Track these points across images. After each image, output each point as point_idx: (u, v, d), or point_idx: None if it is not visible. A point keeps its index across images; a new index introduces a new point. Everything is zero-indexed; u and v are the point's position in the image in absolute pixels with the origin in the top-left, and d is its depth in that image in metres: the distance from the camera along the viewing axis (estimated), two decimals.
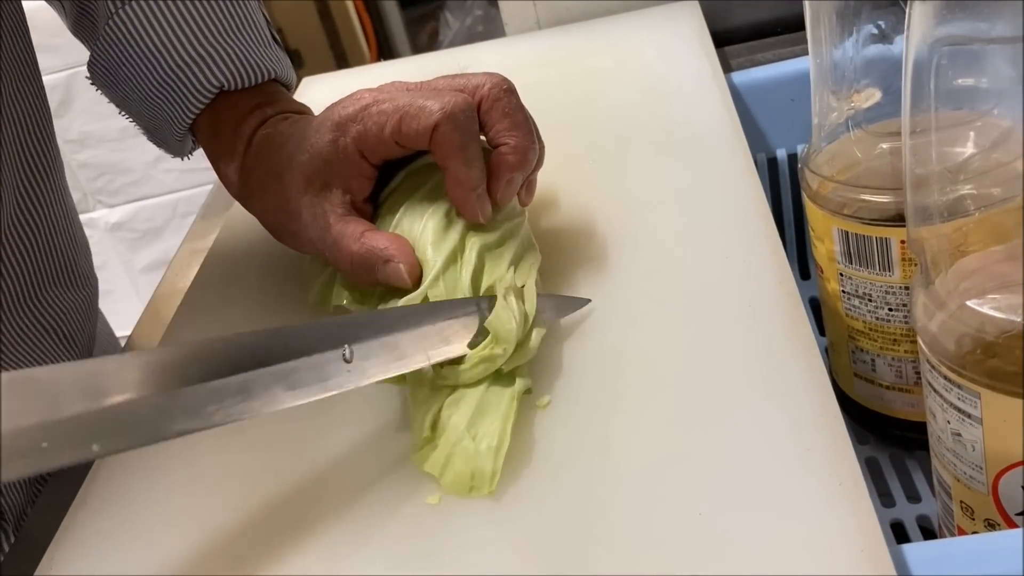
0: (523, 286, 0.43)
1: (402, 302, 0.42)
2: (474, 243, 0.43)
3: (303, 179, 0.46)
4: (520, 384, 0.39)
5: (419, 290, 0.42)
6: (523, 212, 0.47)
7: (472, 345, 0.40)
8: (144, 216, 1.75)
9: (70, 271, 0.58)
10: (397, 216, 0.45)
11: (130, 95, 0.53)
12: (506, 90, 0.44)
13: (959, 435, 0.37)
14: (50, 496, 0.50)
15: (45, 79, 0.57)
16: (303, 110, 0.52)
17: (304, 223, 0.46)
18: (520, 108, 0.45)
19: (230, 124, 0.51)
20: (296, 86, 0.80)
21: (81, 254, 0.61)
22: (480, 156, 0.44)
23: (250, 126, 0.50)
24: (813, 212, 0.49)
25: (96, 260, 0.68)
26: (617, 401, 0.40)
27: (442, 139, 0.42)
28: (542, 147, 0.46)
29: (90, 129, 1.65)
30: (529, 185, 0.48)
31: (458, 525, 0.36)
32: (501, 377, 0.40)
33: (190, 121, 0.52)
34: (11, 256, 0.53)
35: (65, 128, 1.64)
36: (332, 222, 0.45)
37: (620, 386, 0.40)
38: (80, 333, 0.59)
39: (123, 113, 0.56)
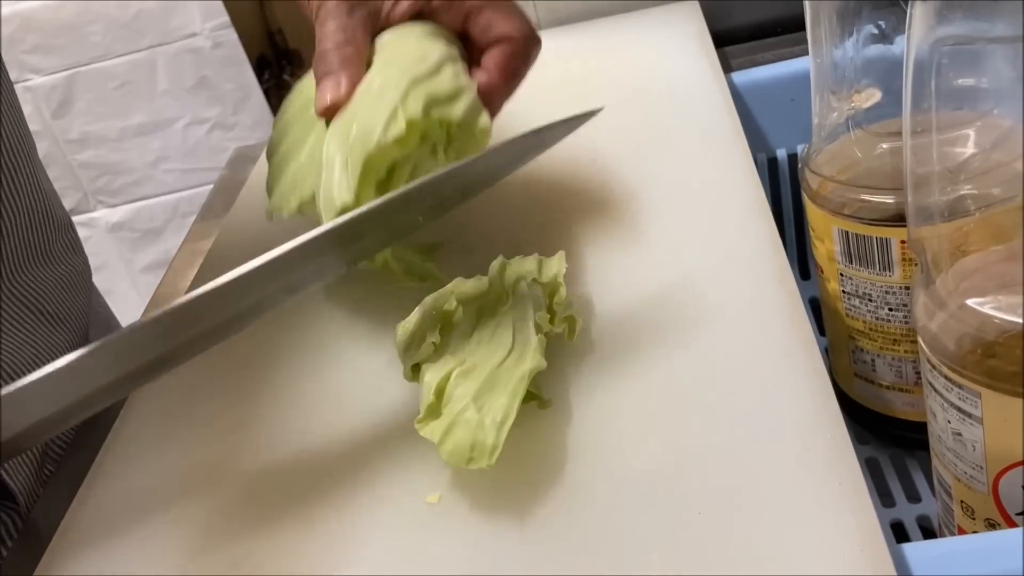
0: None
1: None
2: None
3: None
4: (533, 362, 0.38)
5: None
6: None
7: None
8: (145, 216, 1.75)
9: (46, 249, 0.57)
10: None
11: None
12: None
13: (959, 435, 0.37)
14: (51, 494, 0.50)
15: (46, 80, 0.57)
16: None
17: None
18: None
19: None
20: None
21: (59, 231, 0.59)
22: None
23: None
24: (813, 212, 0.49)
25: (96, 260, 0.68)
26: (617, 401, 0.40)
27: (509, 53, 0.46)
28: None
29: (90, 129, 1.65)
30: None
31: (457, 524, 0.36)
32: (514, 357, 0.39)
33: None
34: None
35: (65, 128, 1.64)
36: (358, 12, 0.45)
37: (619, 386, 0.40)
38: (70, 314, 0.58)
39: None
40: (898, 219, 0.44)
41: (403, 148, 0.42)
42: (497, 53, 0.47)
